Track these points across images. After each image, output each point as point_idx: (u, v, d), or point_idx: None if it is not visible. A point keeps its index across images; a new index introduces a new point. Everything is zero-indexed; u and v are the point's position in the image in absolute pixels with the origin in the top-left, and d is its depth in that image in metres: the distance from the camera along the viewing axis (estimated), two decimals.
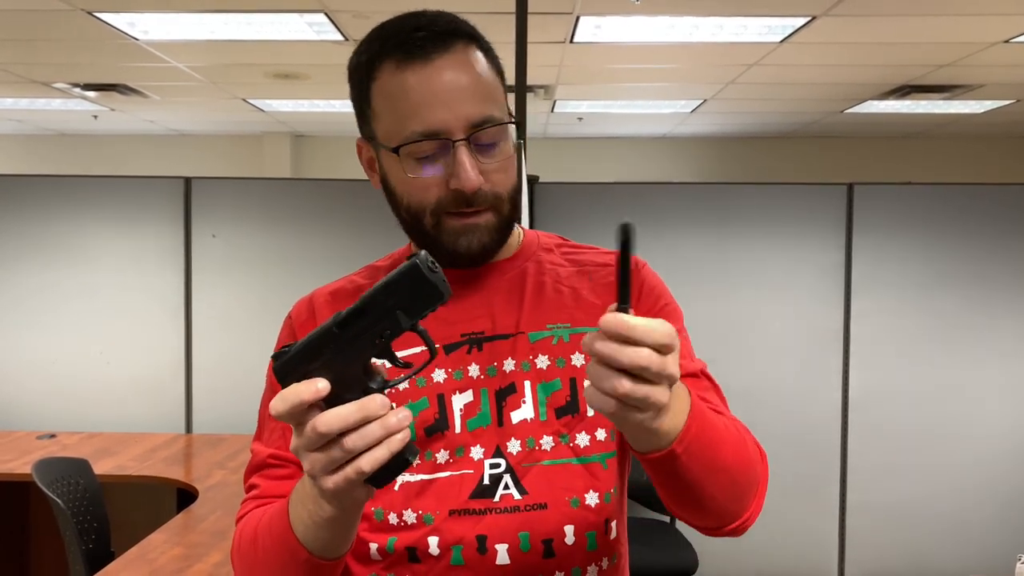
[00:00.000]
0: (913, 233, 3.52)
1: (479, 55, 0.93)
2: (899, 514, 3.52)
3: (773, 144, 7.92)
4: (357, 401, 0.71)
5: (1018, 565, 1.85)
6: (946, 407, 3.51)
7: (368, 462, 0.71)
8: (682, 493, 0.83)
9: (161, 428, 3.58)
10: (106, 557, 2.53)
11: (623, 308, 0.70)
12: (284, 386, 0.73)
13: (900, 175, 7.50)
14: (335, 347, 0.73)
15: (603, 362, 0.69)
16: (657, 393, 0.70)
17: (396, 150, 0.91)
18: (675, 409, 0.76)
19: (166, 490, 3.03)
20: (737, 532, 0.93)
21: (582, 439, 0.95)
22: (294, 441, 0.74)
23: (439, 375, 0.95)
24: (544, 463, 0.93)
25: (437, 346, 0.94)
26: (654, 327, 0.69)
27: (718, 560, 3.43)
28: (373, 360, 0.75)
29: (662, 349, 0.69)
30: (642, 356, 0.68)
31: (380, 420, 0.72)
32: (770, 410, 3.51)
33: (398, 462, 0.73)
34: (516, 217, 0.98)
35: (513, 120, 0.95)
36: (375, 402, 0.72)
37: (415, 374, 0.78)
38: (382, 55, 0.92)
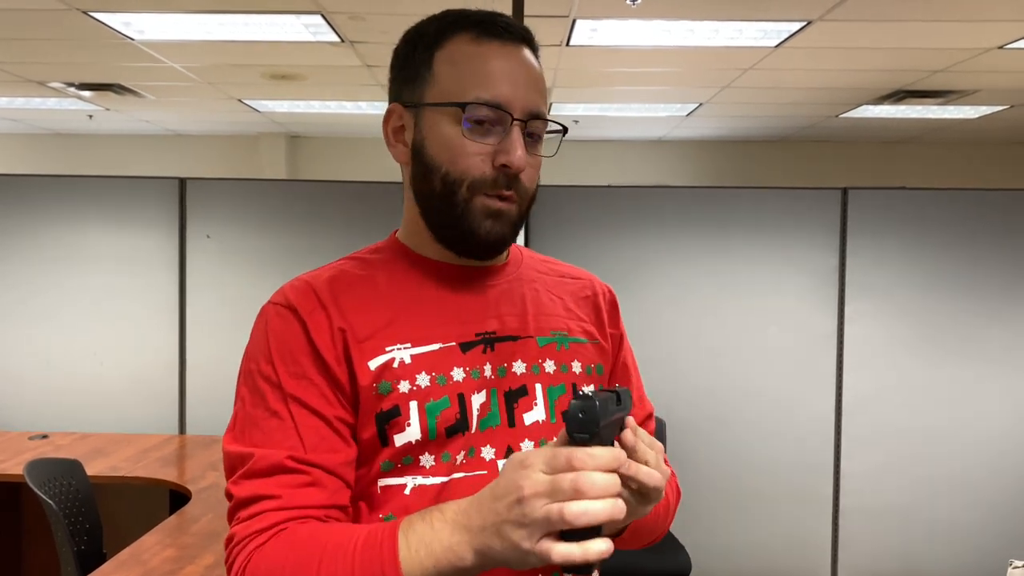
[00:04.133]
0: (907, 237, 3.53)
1: (538, 62, 0.97)
2: (892, 517, 3.53)
3: (768, 148, 7.94)
4: (614, 477, 0.74)
5: (1010, 570, 1.85)
6: (939, 411, 3.52)
7: (592, 517, 0.71)
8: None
9: (155, 429, 3.57)
10: (98, 558, 2.52)
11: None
12: (591, 431, 0.74)
13: (894, 180, 7.52)
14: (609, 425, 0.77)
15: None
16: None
17: (462, 106, 0.90)
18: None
19: (159, 491, 3.02)
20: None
21: None
22: (537, 484, 0.73)
23: (458, 374, 0.93)
24: None
25: (453, 343, 0.94)
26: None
27: (711, 562, 3.44)
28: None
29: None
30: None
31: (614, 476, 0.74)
32: (764, 413, 3.52)
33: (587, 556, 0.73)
34: (525, 220, 1.01)
35: (562, 126, 0.98)
36: (622, 455, 0.75)
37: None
38: (457, 27, 0.94)
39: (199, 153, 8.13)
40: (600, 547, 0.72)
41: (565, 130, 0.99)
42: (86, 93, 6.01)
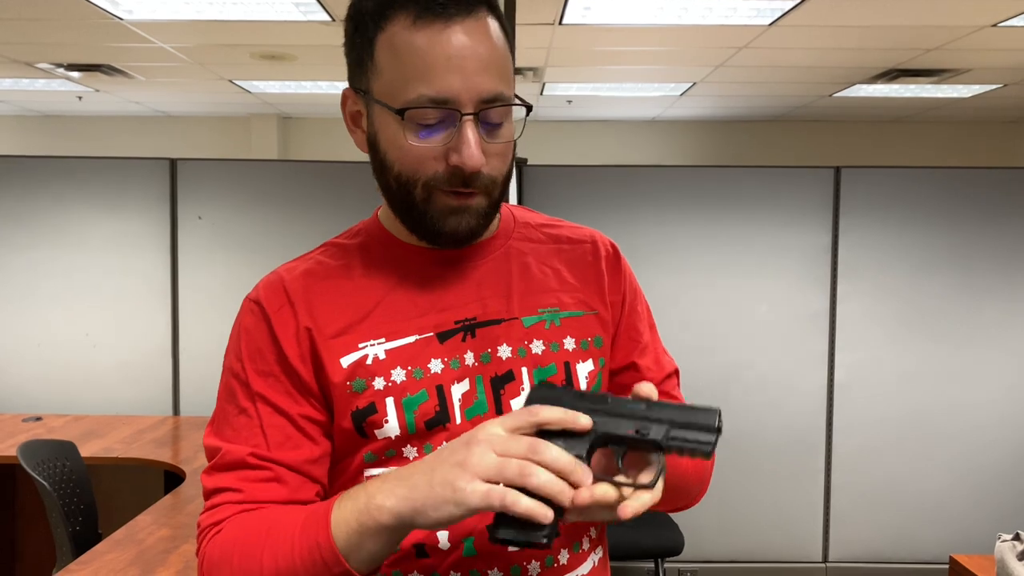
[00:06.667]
0: (900, 216, 3.53)
1: (497, 27, 0.86)
2: (883, 495, 3.56)
3: (762, 128, 7.92)
4: (574, 459, 0.73)
5: (998, 543, 1.87)
6: (930, 389, 3.54)
7: (537, 480, 0.71)
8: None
9: (148, 411, 3.58)
10: (94, 539, 2.53)
11: None
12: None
13: (888, 159, 7.52)
14: (601, 409, 0.77)
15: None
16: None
17: (400, 113, 0.84)
18: None
19: (154, 472, 3.03)
20: (688, 507, 1.04)
21: None
22: (499, 445, 0.72)
23: (436, 365, 0.91)
24: None
25: (431, 334, 0.91)
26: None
27: (703, 541, 3.47)
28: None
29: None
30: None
31: (571, 486, 0.72)
32: (756, 392, 3.53)
33: (532, 530, 0.73)
34: (501, 202, 0.94)
35: (524, 103, 0.88)
36: (586, 472, 0.73)
37: (636, 487, 0.75)
38: (395, 4, 0.84)
39: (190, 135, 8.07)
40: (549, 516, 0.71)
41: (529, 108, 0.88)
42: (75, 74, 5.95)
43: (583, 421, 0.75)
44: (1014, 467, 3.54)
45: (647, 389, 0.78)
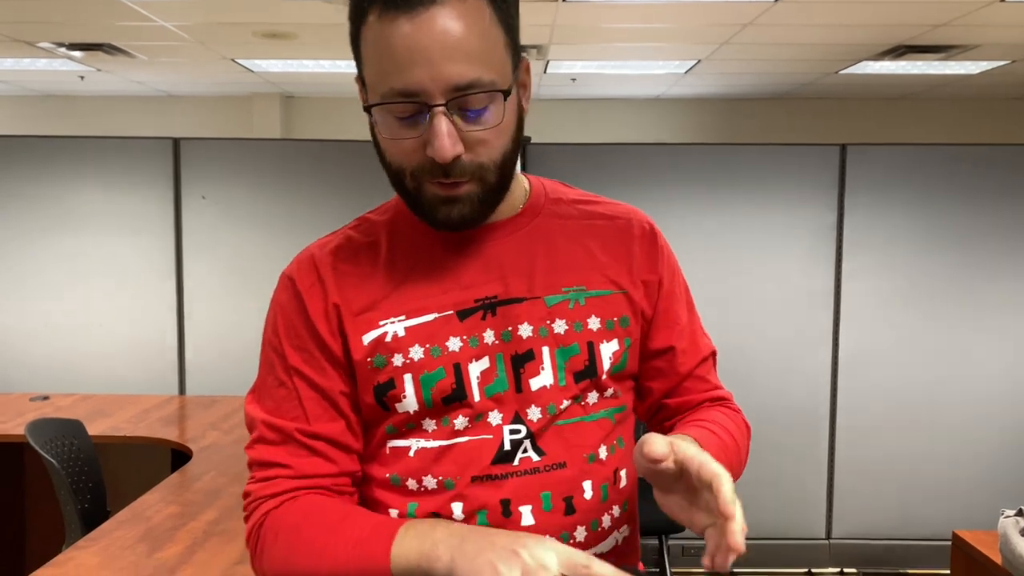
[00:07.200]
0: (905, 194, 3.52)
1: (482, 6, 0.83)
2: (887, 472, 3.57)
3: (767, 105, 7.87)
4: None
5: (1001, 519, 1.88)
6: (935, 367, 3.54)
7: None
8: None
9: (154, 390, 3.59)
10: (102, 517, 2.55)
11: None
12: None
13: (894, 137, 7.48)
14: None
15: None
16: None
17: (372, 107, 0.86)
18: None
19: (161, 451, 3.05)
20: None
21: (592, 397, 0.96)
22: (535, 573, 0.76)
23: (454, 343, 0.92)
24: (558, 423, 0.94)
25: (450, 312, 0.92)
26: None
27: None
28: None
29: None
30: None
31: None
32: (761, 369, 3.54)
33: None
34: (507, 184, 0.92)
35: (503, 90, 0.85)
36: None
37: None
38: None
39: (192, 115, 8.04)
40: None
41: (506, 93, 0.85)
42: (76, 54, 5.92)
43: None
44: (1018, 445, 3.55)
45: (660, 448, 0.80)
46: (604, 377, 0.96)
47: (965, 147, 3.58)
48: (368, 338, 0.92)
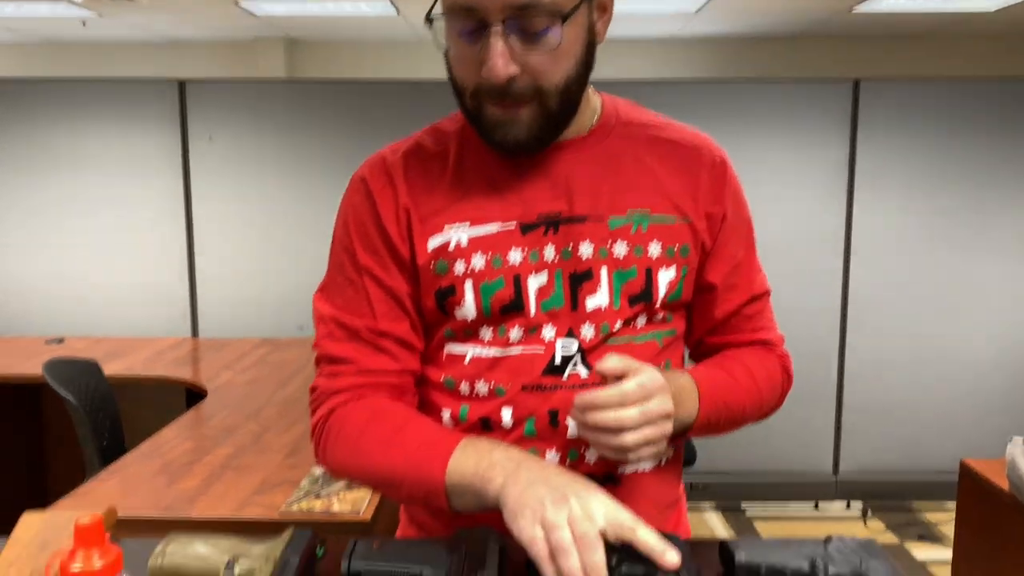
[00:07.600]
0: (919, 130, 3.47)
1: None
2: (893, 410, 3.59)
3: (780, 45, 7.73)
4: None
5: (1009, 446, 1.90)
6: (944, 304, 3.54)
7: (567, 568, 0.73)
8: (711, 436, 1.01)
9: (166, 333, 3.62)
10: (121, 454, 2.60)
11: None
12: None
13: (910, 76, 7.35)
14: None
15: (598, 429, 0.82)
16: (650, 432, 0.83)
17: (434, 18, 0.87)
18: (683, 408, 0.90)
19: (175, 390, 3.09)
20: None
21: (641, 320, 0.97)
22: (579, 524, 0.75)
23: (515, 256, 0.93)
24: (609, 342, 0.95)
25: (513, 225, 0.94)
26: (624, 391, 0.82)
27: (715, 454, 3.52)
28: None
29: (641, 401, 0.82)
30: (630, 418, 0.82)
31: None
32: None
33: None
34: (570, 110, 0.92)
35: (564, 12, 0.85)
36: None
37: None
38: None
39: (195, 60, 7.96)
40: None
41: (567, 16, 0.85)
42: None
43: (670, 558, 0.75)
44: None
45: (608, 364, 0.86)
46: (658, 304, 0.97)
47: (981, 81, 3.52)
48: (432, 243, 0.94)
